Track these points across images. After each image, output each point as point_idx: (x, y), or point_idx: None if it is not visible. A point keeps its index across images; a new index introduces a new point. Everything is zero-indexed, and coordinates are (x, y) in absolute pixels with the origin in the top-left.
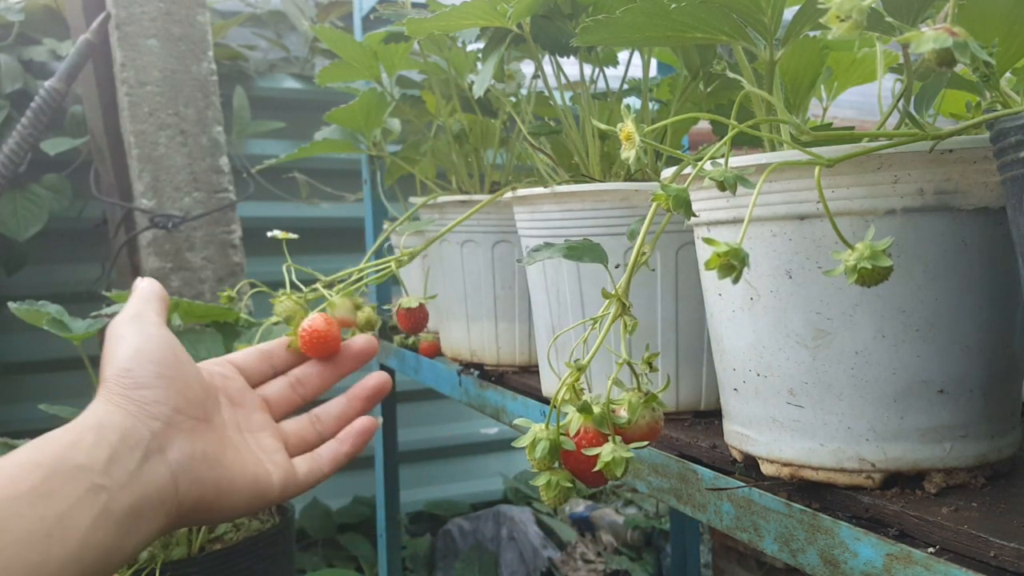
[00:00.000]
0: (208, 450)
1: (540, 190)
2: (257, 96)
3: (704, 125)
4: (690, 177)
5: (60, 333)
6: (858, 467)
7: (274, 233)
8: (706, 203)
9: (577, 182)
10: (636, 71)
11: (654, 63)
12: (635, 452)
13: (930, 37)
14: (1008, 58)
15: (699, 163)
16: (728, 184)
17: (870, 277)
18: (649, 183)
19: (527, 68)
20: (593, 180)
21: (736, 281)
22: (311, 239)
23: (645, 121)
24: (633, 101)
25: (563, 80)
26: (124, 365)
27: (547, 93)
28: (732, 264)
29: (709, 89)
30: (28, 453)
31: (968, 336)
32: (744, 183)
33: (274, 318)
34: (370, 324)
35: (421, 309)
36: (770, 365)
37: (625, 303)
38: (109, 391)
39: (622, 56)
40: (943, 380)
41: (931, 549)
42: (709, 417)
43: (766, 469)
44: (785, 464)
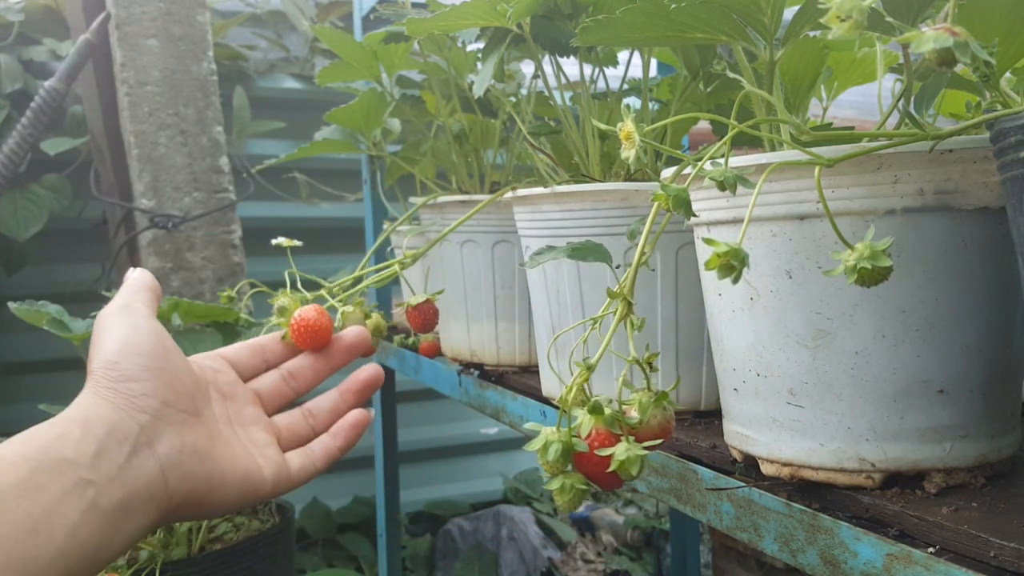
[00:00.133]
0: (198, 444)
1: (540, 190)
2: (257, 96)
3: (704, 125)
4: (690, 177)
5: (60, 333)
6: (858, 467)
7: (279, 240)
8: (706, 203)
9: (577, 182)
10: (636, 71)
11: (654, 63)
12: None
13: (930, 37)
14: (1008, 58)
15: (699, 163)
16: (728, 184)
17: (870, 277)
18: (649, 183)
19: (527, 68)
20: (593, 180)
21: (736, 281)
22: (311, 239)
23: (645, 121)
24: (633, 101)
25: (563, 80)
26: (111, 357)
27: (547, 93)
28: (732, 264)
29: (709, 89)
30: (14, 447)
31: (968, 336)
32: (744, 183)
33: (274, 318)
34: (379, 331)
35: (429, 305)
36: (770, 365)
37: (631, 302)
38: (96, 384)
39: (622, 56)
40: (943, 380)
41: (931, 549)
42: (709, 417)
43: (766, 469)
44: (785, 464)
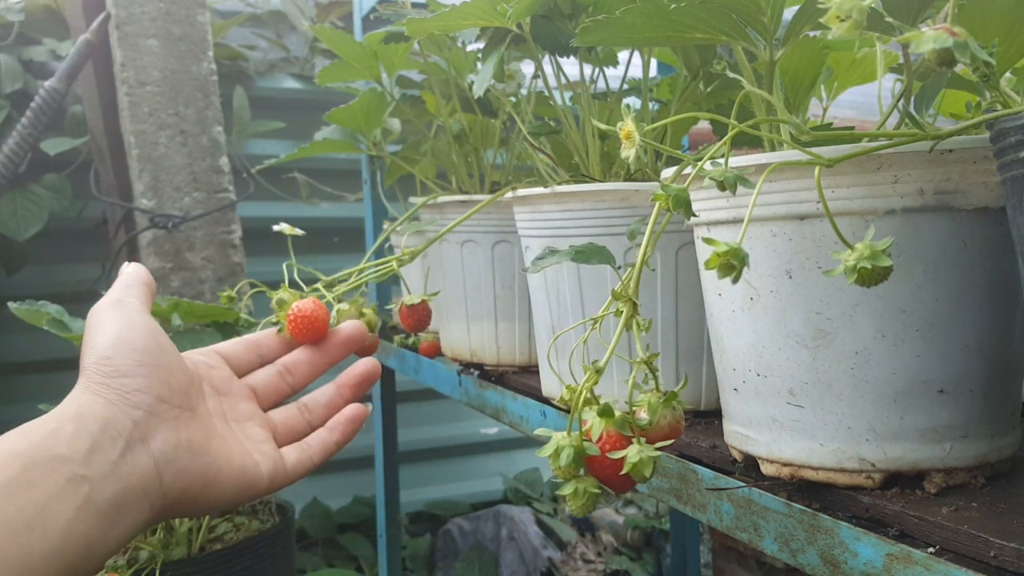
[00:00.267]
0: (193, 440)
1: (540, 190)
2: (257, 96)
3: (704, 125)
4: (690, 177)
5: (60, 333)
6: (858, 467)
7: (280, 227)
8: (706, 203)
9: (577, 182)
10: (636, 71)
11: (654, 63)
12: None
13: (930, 37)
14: (1008, 58)
15: (699, 163)
16: (728, 184)
17: (870, 277)
18: (649, 183)
19: (527, 68)
20: (593, 180)
21: (736, 281)
22: (311, 239)
23: (645, 121)
24: (633, 101)
25: (563, 80)
26: (104, 352)
27: (547, 93)
28: (732, 264)
29: (709, 89)
30: (5, 444)
31: (968, 336)
32: (744, 183)
33: (273, 317)
34: (371, 326)
35: (423, 306)
36: (770, 365)
37: (637, 303)
38: (89, 379)
39: (622, 56)
40: (943, 380)
41: (931, 549)
42: (709, 417)
43: (766, 469)
44: (785, 464)
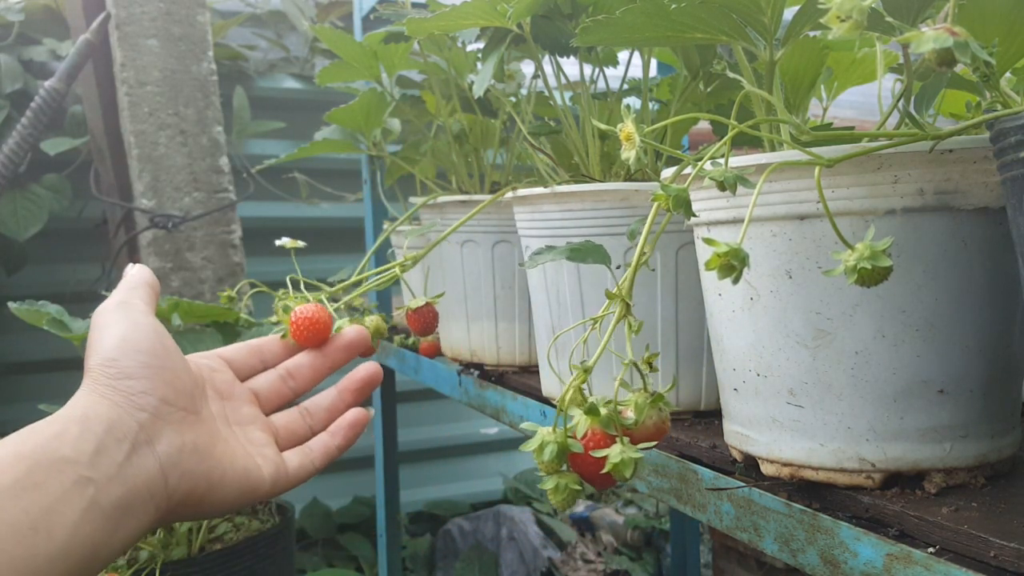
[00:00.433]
0: (198, 442)
1: (540, 190)
2: (257, 96)
3: (704, 125)
4: (690, 177)
5: (60, 333)
6: (858, 467)
7: (283, 241)
8: (706, 203)
9: (577, 182)
10: (636, 71)
11: (654, 63)
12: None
13: (930, 37)
14: (1008, 58)
15: (699, 163)
16: (728, 184)
17: (870, 277)
18: (649, 183)
19: (527, 68)
20: (593, 180)
21: (736, 281)
22: (311, 239)
23: (645, 121)
24: (633, 101)
25: (563, 80)
26: (109, 354)
27: (547, 93)
28: (732, 264)
29: (709, 89)
30: (10, 446)
31: (968, 336)
32: (744, 183)
33: (274, 317)
34: (379, 332)
35: (429, 308)
36: (770, 365)
37: (629, 303)
38: (94, 381)
39: (622, 56)
40: (943, 380)
41: (931, 549)
42: (709, 417)
43: (766, 469)
44: (785, 464)
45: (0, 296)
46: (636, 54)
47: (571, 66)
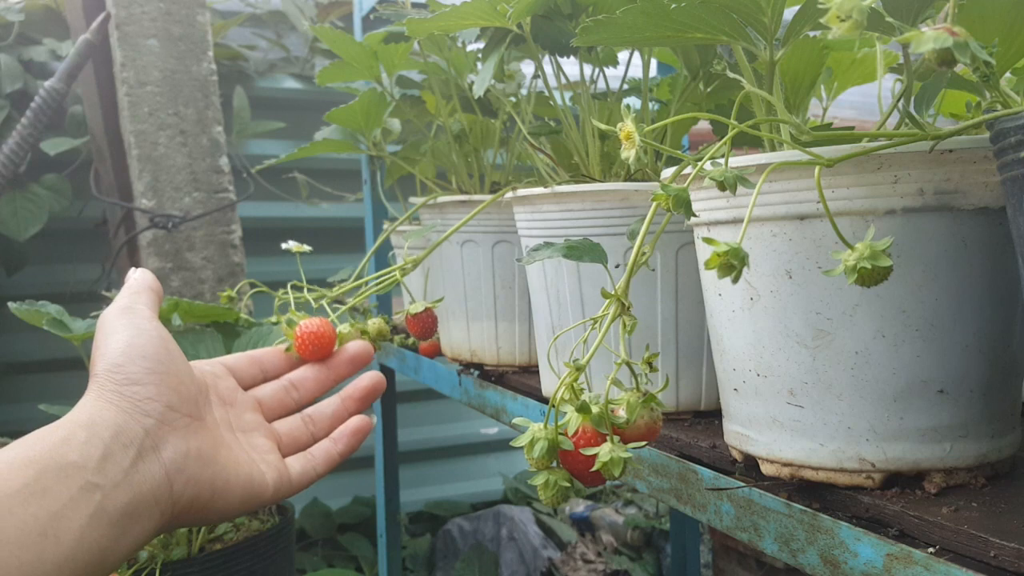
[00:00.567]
0: (202, 448)
1: (540, 190)
2: (257, 96)
3: (704, 125)
4: (690, 177)
5: (60, 333)
6: (858, 467)
7: (288, 245)
8: (706, 203)
9: (577, 182)
10: (636, 71)
11: (654, 63)
12: (635, 452)
13: (930, 37)
14: (1008, 58)
15: (699, 163)
16: (728, 184)
17: (870, 277)
18: (649, 183)
19: (527, 68)
20: (593, 180)
21: (736, 281)
22: (311, 239)
23: (645, 121)
24: (633, 101)
25: (563, 80)
26: (116, 360)
27: (547, 93)
28: (732, 264)
29: (709, 89)
30: (18, 450)
31: (968, 336)
32: (744, 183)
33: (274, 317)
34: (383, 335)
35: (428, 314)
36: (770, 365)
37: (625, 303)
38: (100, 387)
39: (622, 56)
40: (943, 380)
41: (931, 549)
42: (709, 417)
43: (766, 469)
44: (785, 464)
45: (0, 296)
46: (636, 54)
47: (571, 66)
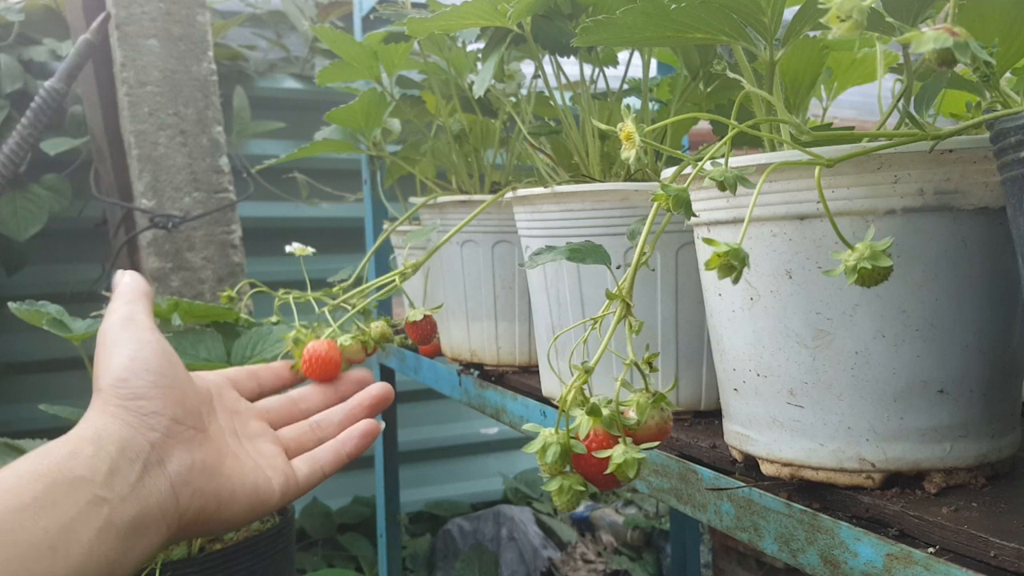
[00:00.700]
0: (207, 460)
1: (540, 190)
2: (257, 96)
3: (704, 125)
4: (690, 177)
5: (60, 333)
6: (858, 467)
7: (292, 247)
8: (706, 203)
9: (577, 182)
10: (636, 71)
11: (654, 63)
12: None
13: (930, 37)
14: (1008, 58)
15: (699, 163)
16: (728, 184)
17: (870, 277)
18: (649, 183)
19: (527, 68)
20: (593, 180)
21: (736, 281)
22: (311, 239)
23: (645, 121)
24: (633, 101)
25: (563, 80)
26: (120, 375)
27: (547, 93)
28: (732, 264)
29: (709, 89)
30: (27, 464)
31: (968, 336)
32: (744, 183)
33: (274, 317)
34: (385, 338)
35: (428, 321)
36: (770, 365)
37: (629, 304)
38: (105, 401)
39: (622, 56)
40: (943, 380)
41: (931, 549)
42: (709, 417)
43: (766, 469)
44: (785, 464)
45: (0, 296)
46: (636, 54)
47: (571, 66)
